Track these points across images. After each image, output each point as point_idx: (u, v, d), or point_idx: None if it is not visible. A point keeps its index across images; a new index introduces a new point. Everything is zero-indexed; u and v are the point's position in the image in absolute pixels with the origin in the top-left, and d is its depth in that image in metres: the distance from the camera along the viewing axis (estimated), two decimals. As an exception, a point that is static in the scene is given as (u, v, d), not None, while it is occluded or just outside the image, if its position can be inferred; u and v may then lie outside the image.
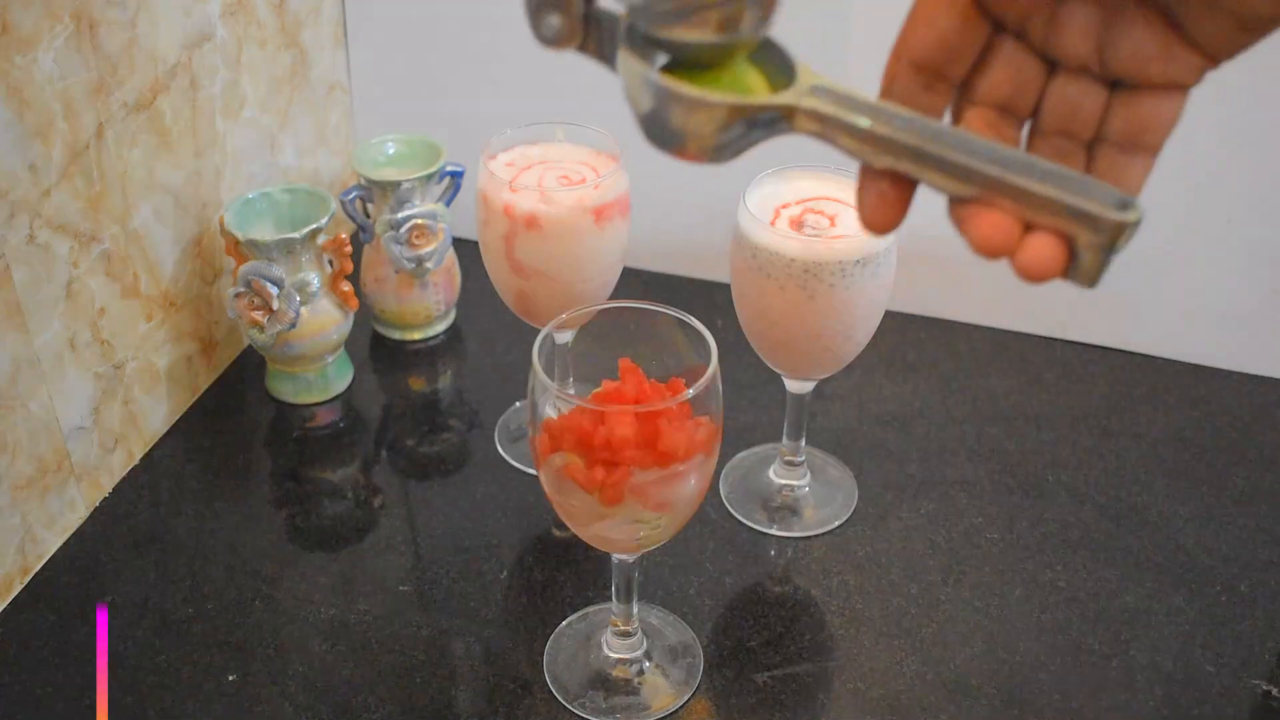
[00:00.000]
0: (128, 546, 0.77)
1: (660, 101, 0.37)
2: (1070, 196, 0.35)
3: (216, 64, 0.85)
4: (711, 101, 0.37)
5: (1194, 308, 0.93)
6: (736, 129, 0.38)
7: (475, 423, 0.89)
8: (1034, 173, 0.36)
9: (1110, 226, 0.36)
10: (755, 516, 0.80)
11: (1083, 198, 0.35)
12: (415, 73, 1.03)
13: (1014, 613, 0.73)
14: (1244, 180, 0.87)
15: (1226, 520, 0.80)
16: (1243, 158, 0.86)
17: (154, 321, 0.83)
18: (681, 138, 0.38)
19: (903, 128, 0.37)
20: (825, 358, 0.73)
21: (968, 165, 0.36)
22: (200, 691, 0.67)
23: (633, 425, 0.54)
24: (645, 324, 0.62)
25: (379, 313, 0.97)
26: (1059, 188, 0.36)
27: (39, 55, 0.67)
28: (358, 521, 0.80)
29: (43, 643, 0.70)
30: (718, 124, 0.37)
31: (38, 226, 0.70)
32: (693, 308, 0.62)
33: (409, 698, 0.67)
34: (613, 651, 0.69)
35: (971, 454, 0.86)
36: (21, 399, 0.71)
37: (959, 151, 0.36)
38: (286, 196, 0.88)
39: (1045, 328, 0.98)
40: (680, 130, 0.38)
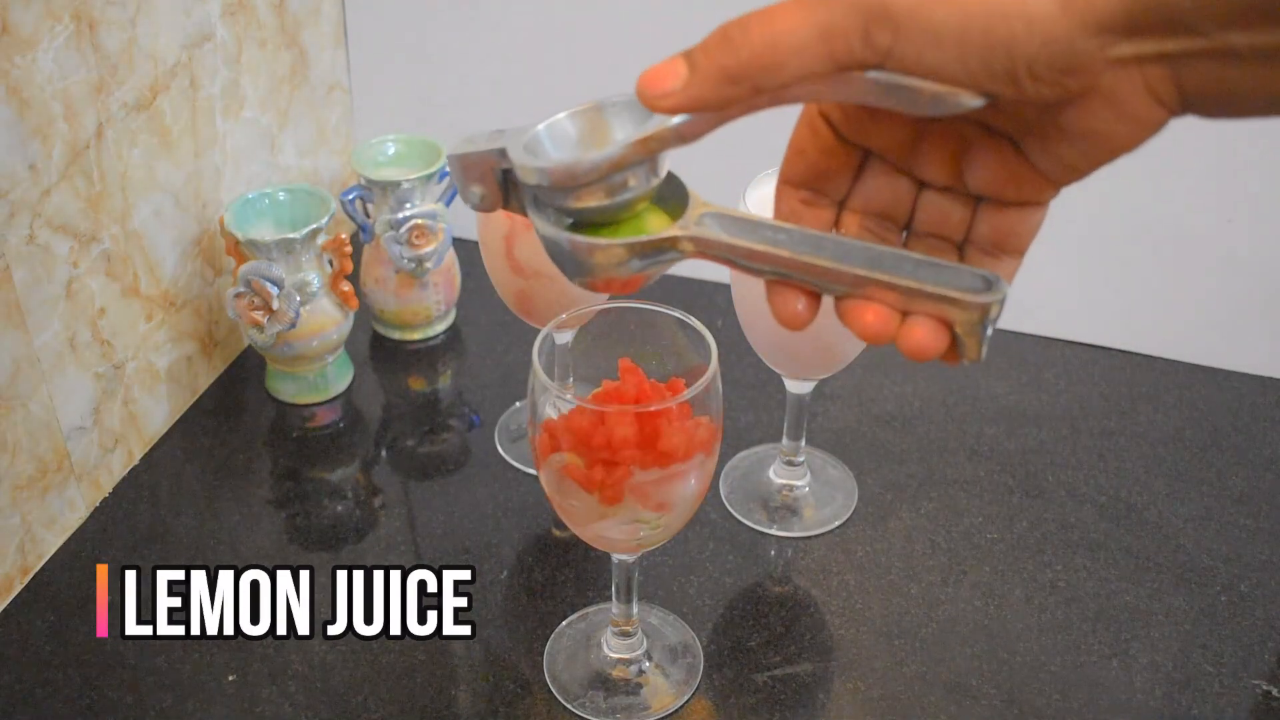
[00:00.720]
0: (128, 546, 0.77)
1: (568, 248, 0.43)
2: (936, 285, 0.39)
3: (216, 64, 0.85)
4: (603, 244, 0.42)
5: (1194, 308, 0.93)
6: (635, 263, 0.43)
7: (475, 423, 0.89)
8: (904, 267, 0.40)
9: (975, 307, 0.39)
10: (755, 516, 0.80)
11: (947, 285, 0.39)
12: (415, 73, 1.03)
13: (1014, 613, 0.73)
14: (1243, 180, 0.87)
15: (1226, 520, 0.80)
16: (1242, 158, 0.86)
17: (154, 321, 0.83)
18: (591, 274, 0.43)
19: (775, 242, 0.41)
20: (825, 358, 0.73)
21: (838, 269, 0.40)
22: (200, 691, 0.67)
23: (633, 425, 0.54)
24: (645, 324, 0.62)
25: (379, 313, 0.97)
26: (926, 278, 0.39)
27: (39, 55, 0.67)
28: (358, 521, 0.80)
29: (43, 643, 0.70)
30: (616, 261, 0.42)
31: (38, 226, 0.70)
32: (693, 308, 0.62)
33: (409, 698, 0.67)
34: (613, 651, 0.69)
35: (971, 454, 0.86)
36: (21, 399, 0.71)
37: (832, 256, 0.40)
38: (286, 196, 0.88)
39: (1045, 328, 0.98)
40: (589, 268, 0.43)
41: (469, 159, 0.46)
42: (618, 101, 0.45)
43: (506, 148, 0.44)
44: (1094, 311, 0.96)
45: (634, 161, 0.42)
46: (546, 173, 0.42)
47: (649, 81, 0.38)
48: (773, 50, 0.36)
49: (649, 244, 0.43)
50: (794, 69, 0.36)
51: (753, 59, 0.36)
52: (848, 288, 0.41)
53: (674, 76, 0.37)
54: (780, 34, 0.36)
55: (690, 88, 0.37)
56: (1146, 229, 0.91)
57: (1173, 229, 0.90)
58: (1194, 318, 0.94)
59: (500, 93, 1.01)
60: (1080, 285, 0.95)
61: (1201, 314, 0.93)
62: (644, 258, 0.43)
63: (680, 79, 0.37)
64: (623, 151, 0.41)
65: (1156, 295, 0.93)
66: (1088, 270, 0.94)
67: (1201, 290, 0.92)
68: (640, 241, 0.43)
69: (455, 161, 0.47)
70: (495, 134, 0.46)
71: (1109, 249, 0.93)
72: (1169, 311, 0.94)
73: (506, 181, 0.46)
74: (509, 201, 0.47)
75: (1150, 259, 0.92)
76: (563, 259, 0.44)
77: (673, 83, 0.37)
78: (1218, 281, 0.91)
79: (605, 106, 0.45)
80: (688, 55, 0.38)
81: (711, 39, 0.37)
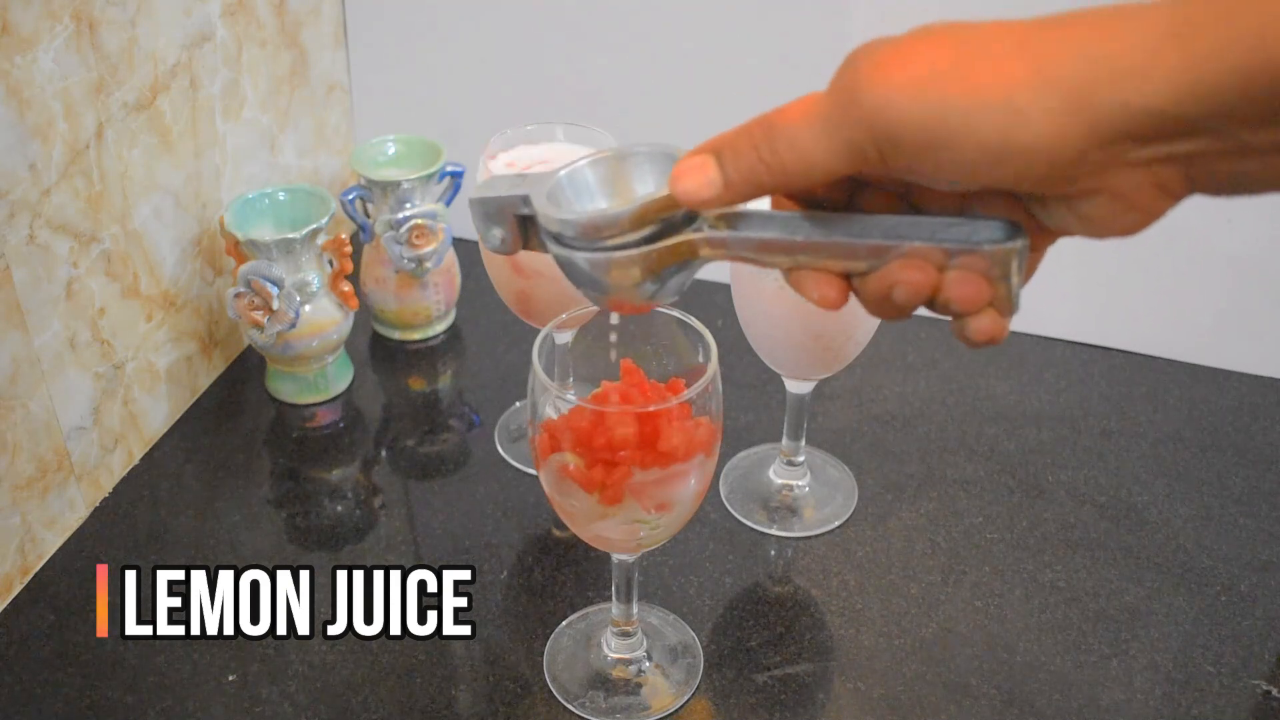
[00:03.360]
0: (128, 546, 0.77)
1: (586, 266, 0.44)
2: (957, 242, 0.39)
3: (216, 64, 0.85)
4: (621, 257, 0.43)
5: (1194, 308, 0.93)
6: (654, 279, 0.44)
7: (475, 423, 0.89)
8: (922, 231, 0.40)
9: (1000, 255, 0.39)
10: (755, 516, 0.80)
11: (969, 239, 0.39)
12: (415, 73, 1.03)
13: (1014, 613, 0.73)
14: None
15: (1226, 520, 0.80)
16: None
17: (154, 321, 0.83)
18: (609, 290, 0.45)
19: (792, 230, 0.42)
20: (825, 358, 0.73)
21: (857, 244, 0.40)
22: (200, 691, 0.67)
23: (633, 425, 0.54)
24: (645, 324, 0.62)
25: (379, 313, 0.97)
26: (947, 237, 0.39)
27: (39, 55, 0.67)
28: (358, 521, 0.80)
29: (43, 643, 0.70)
30: (633, 281, 0.44)
31: (38, 226, 0.70)
32: (693, 308, 0.62)
33: (409, 698, 0.67)
34: (613, 651, 0.69)
35: (971, 454, 0.86)
36: (21, 399, 0.71)
37: (849, 234, 0.41)
38: (286, 196, 0.88)
39: (1045, 328, 0.98)
40: (607, 284, 0.44)
41: (491, 204, 0.48)
42: (639, 152, 0.46)
43: (530, 196, 0.46)
44: (1094, 311, 0.96)
45: (657, 216, 0.43)
46: (571, 224, 0.44)
47: (684, 183, 0.41)
48: (800, 165, 0.39)
49: (667, 250, 0.43)
50: (819, 177, 0.39)
51: (782, 173, 0.39)
52: (874, 261, 0.40)
53: (708, 184, 0.40)
54: (804, 152, 0.38)
55: (724, 195, 0.40)
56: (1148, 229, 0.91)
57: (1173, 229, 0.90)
58: (1194, 318, 0.94)
59: (500, 93, 1.01)
60: (1080, 285, 0.95)
61: (1201, 314, 0.93)
62: (662, 275, 0.44)
63: (714, 187, 0.40)
64: (646, 207, 0.43)
65: (1156, 295, 0.93)
66: (1087, 270, 0.94)
67: (1201, 290, 0.92)
68: (658, 249, 0.43)
69: (477, 205, 0.48)
70: (517, 179, 0.48)
71: (1109, 249, 0.92)
72: (1169, 311, 0.94)
73: (526, 225, 0.48)
74: (529, 243, 0.48)
75: (1150, 259, 0.92)
76: (585, 283, 0.45)
77: (708, 190, 0.40)
78: (1218, 281, 0.91)
79: (626, 156, 0.46)
80: (718, 158, 0.40)
81: (740, 144, 0.40)
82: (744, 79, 0.94)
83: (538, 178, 0.47)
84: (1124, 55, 0.34)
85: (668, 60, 0.95)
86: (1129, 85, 0.34)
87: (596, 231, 0.43)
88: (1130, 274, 0.94)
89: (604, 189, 0.47)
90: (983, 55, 0.35)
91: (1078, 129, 0.34)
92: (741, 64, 0.93)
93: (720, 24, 0.92)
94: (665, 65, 0.96)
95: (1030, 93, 0.34)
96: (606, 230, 0.43)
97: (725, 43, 0.93)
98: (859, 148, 0.37)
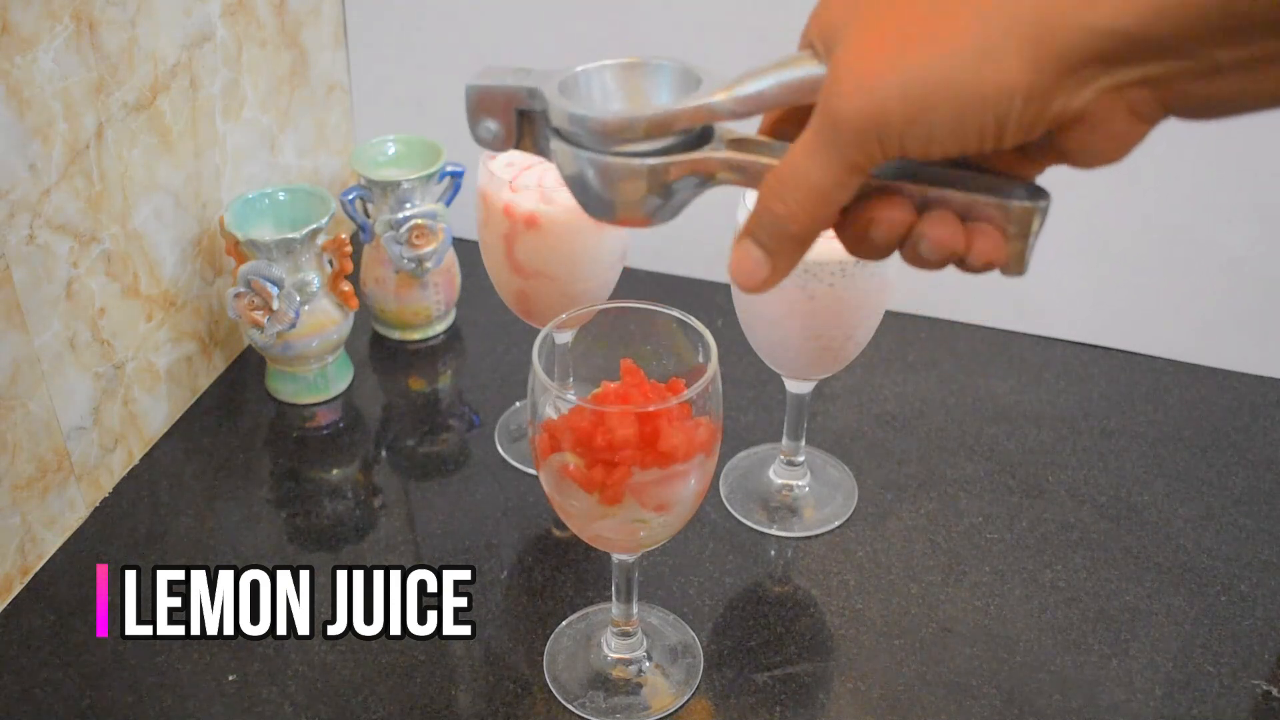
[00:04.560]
0: (128, 546, 0.77)
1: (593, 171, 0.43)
2: (989, 195, 0.40)
3: (216, 64, 0.85)
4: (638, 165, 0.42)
5: (1194, 308, 0.93)
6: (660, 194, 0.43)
7: (475, 423, 0.89)
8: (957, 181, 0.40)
9: (1023, 213, 0.39)
10: (755, 516, 0.80)
11: (998, 193, 0.40)
12: (415, 73, 1.03)
13: (1014, 613, 0.73)
14: (1243, 181, 0.87)
15: (1226, 520, 0.80)
16: (1242, 158, 0.86)
17: (154, 321, 0.83)
18: (613, 200, 0.43)
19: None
20: (825, 358, 0.73)
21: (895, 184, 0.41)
22: (200, 691, 0.67)
23: (633, 425, 0.54)
24: (645, 324, 0.62)
25: (379, 313, 0.97)
26: (979, 189, 0.40)
27: (39, 55, 0.67)
28: (358, 521, 0.80)
29: (43, 643, 0.70)
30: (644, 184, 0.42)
31: (38, 226, 0.70)
32: (693, 308, 0.62)
33: (409, 698, 0.67)
34: (613, 651, 0.69)
35: (971, 454, 0.86)
36: (21, 399, 0.71)
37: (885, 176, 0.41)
38: (286, 196, 0.88)
39: (1045, 328, 0.98)
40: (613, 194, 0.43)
41: (490, 93, 0.45)
42: (659, 64, 0.45)
43: (540, 89, 0.44)
44: (1094, 311, 0.96)
45: (678, 128, 0.42)
46: (589, 120, 0.42)
47: (740, 275, 0.43)
48: (819, 199, 0.40)
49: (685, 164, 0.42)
50: (843, 200, 0.40)
51: (808, 216, 0.41)
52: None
53: (757, 264, 0.42)
54: (817, 186, 0.40)
55: (776, 270, 0.43)
56: (1147, 229, 0.91)
57: (1173, 229, 0.90)
58: (1194, 318, 0.94)
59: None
60: (1081, 285, 0.95)
61: (1201, 314, 0.93)
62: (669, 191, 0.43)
63: (766, 265, 0.42)
64: (670, 115, 0.41)
65: (1156, 295, 0.93)
66: (1088, 270, 0.94)
67: (1201, 290, 0.92)
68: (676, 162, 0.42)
69: (474, 94, 0.46)
70: (520, 71, 0.45)
71: (1109, 249, 0.93)
72: (1169, 311, 0.94)
73: (524, 121, 0.45)
74: (521, 142, 0.46)
75: (1150, 259, 0.92)
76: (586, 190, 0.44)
77: (762, 269, 0.42)
78: (1218, 281, 0.91)
79: (644, 65, 0.45)
80: (757, 241, 0.42)
81: (765, 219, 0.41)
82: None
83: (546, 73, 0.45)
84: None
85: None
86: (1094, 10, 0.34)
87: (615, 132, 0.41)
88: (1130, 274, 0.94)
89: (617, 95, 0.45)
90: (952, 8, 0.36)
91: (1048, 58, 0.35)
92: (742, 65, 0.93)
93: (721, 25, 0.92)
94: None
95: (998, 34, 0.35)
96: (625, 133, 0.41)
97: (726, 44, 0.93)
98: (857, 157, 0.39)
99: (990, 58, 0.36)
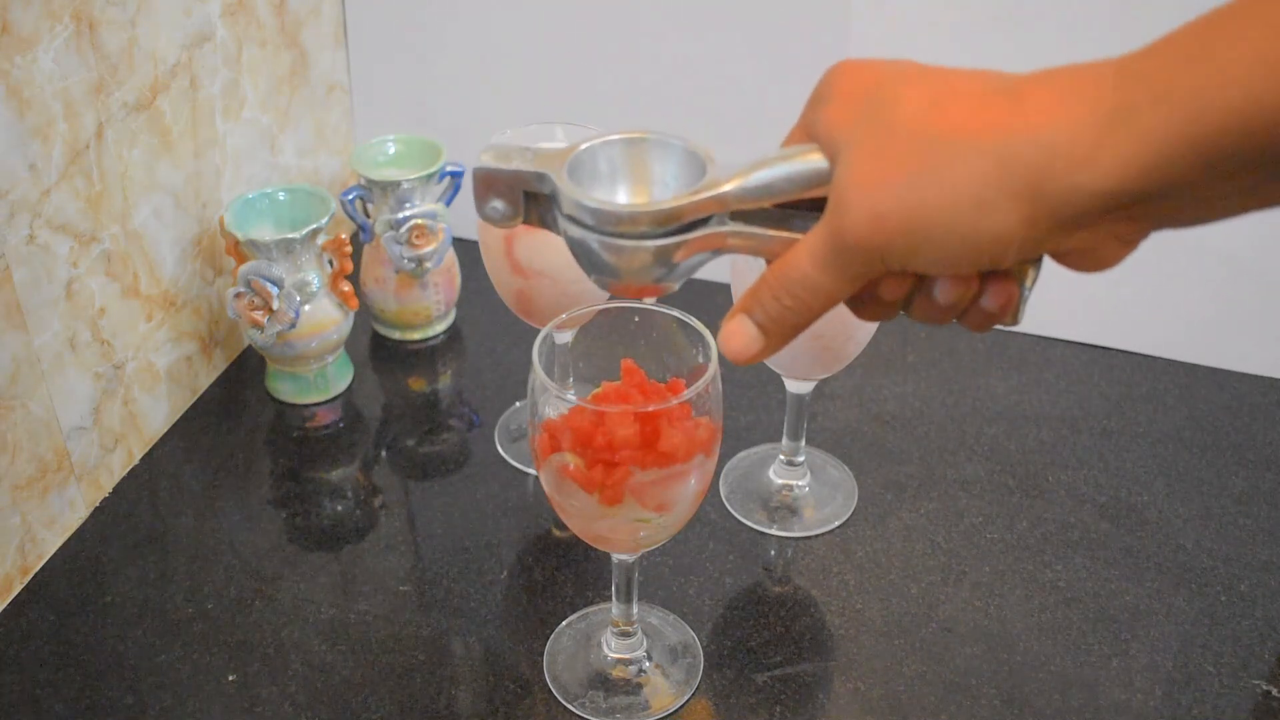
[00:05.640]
0: (128, 546, 0.77)
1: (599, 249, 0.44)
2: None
3: (216, 64, 0.85)
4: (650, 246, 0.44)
5: (1194, 308, 0.93)
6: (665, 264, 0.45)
7: (475, 423, 0.89)
8: None
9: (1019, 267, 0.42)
10: (755, 516, 0.80)
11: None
12: (415, 73, 1.03)
13: (1014, 613, 0.73)
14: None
15: (1226, 520, 0.80)
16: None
17: (154, 321, 0.83)
18: (619, 273, 0.45)
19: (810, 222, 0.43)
20: (825, 358, 0.73)
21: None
22: (200, 691, 0.67)
23: (633, 425, 0.54)
24: (645, 324, 0.62)
25: (379, 313, 0.97)
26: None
27: (39, 55, 0.67)
28: (358, 521, 0.80)
29: (43, 643, 0.70)
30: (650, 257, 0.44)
31: (38, 226, 0.70)
32: (693, 308, 0.62)
33: (409, 698, 0.67)
34: (613, 651, 0.69)
35: (971, 454, 0.86)
36: (21, 399, 0.71)
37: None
38: (286, 196, 0.88)
39: (1045, 328, 0.98)
40: (619, 268, 0.45)
41: (497, 175, 0.46)
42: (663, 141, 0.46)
43: (549, 174, 0.45)
44: (1094, 311, 0.96)
45: (695, 217, 0.44)
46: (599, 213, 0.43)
47: (731, 346, 0.46)
48: (819, 300, 0.43)
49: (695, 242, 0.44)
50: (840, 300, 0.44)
51: (807, 311, 0.44)
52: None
53: (751, 340, 0.45)
54: (819, 290, 0.43)
55: (766, 346, 0.46)
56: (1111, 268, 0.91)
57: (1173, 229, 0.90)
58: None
59: (500, 93, 1.01)
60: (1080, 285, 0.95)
61: (1201, 314, 0.93)
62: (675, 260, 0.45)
63: (757, 342, 0.45)
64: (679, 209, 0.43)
65: (1156, 295, 0.93)
66: (1088, 270, 0.94)
67: (1201, 290, 0.92)
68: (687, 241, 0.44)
69: (481, 175, 0.47)
70: (526, 152, 0.46)
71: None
72: (1169, 311, 0.94)
73: (531, 201, 0.47)
74: (529, 217, 0.47)
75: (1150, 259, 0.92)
76: (597, 265, 0.46)
77: (755, 346, 0.46)
78: (1218, 281, 0.91)
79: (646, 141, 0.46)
80: (754, 319, 0.45)
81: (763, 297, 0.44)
82: (745, 79, 0.94)
83: (550, 153, 0.46)
84: (1074, 142, 0.36)
85: (668, 60, 0.95)
86: (1082, 172, 0.36)
87: (626, 223, 0.43)
88: (1130, 274, 0.93)
89: (623, 172, 0.46)
90: (952, 155, 0.38)
91: (1041, 214, 0.38)
92: (742, 65, 0.93)
93: (721, 25, 0.92)
94: (666, 65, 0.96)
95: (994, 188, 0.38)
96: (635, 224, 0.43)
97: (726, 44, 0.93)
98: (862, 271, 0.42)
99: (986, 211, 0.38)
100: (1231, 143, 0.34)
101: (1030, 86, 0.38)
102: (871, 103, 0.41)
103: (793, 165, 0.43)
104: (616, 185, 0.47)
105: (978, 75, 0.40)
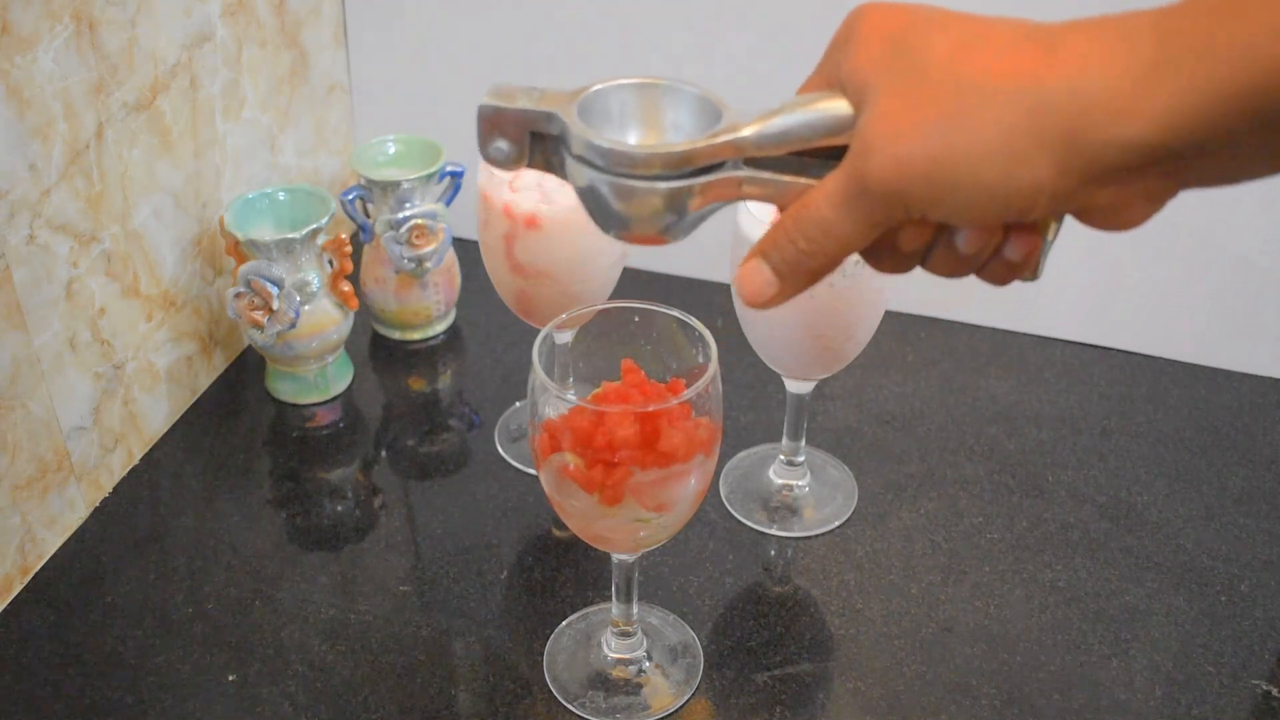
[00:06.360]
0: (128, 546, 0.77)
1: (609, 192, 0.43)
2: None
3: (216, 64, 0.85)
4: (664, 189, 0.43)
5: (1194, 308, 0.93)
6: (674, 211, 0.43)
7: (475, 423, 0.89)
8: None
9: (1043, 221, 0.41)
10: (755, 516, 0.80)
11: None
12: (415, 73, 1.03)
13: (1014, 613, 0.73)
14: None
15: (1226, 520, 0.80)
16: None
17: (154, 321, 0.83)
18: (627, 219, 0.43)
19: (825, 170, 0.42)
20: (825, 358, 0.73)
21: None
22: (200, 691, 0.67)
23: (633, 425, 0.54)
24: (645, 324, 0.62)
25: (379, 313, 0.97)
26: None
27: (39, 55, 0.67)
28: (358, 521, 0.80)
29: (43, 643, 0.70)
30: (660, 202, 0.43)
31: (38, 226, 0.70)
32: (693, 308, 0.62)
33: (409, 698, 0.67)
34: (613, 651, 0.69)
35: (971, 454, 0.86)
36: (21, 399, 0.71)
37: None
38: (286, 196, 0.88)
39: (1045, 328, 0.98)
40: (627, 213, 0.43)
41: (503, 114, 0.45)
42: (675, 87, 0.45)
43: (559, 114, 0.44)
44: (1094, 311, 0.96)
45: (711, 160, 0.42)
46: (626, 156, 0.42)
47: (746, 288, 0.45)
48: (836, 244, 0.42)
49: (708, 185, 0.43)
50: (858, 247, 0.43)
51: (823, 255, 0.43)
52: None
53: (766, 284, 0.44)
54: (836, 233, 0.42)
55: (782, 290, 0.45)
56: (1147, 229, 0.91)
57: (1173, 229, 0.90)
58: (1194, 318, 0.94)
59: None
60: (1080, 285, 0.95)
61: (1201, 314, 0.93)
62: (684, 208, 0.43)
63: (772, 285, 0.44)
64: (707, 148, 0.42)
65: (1157, 295, 0.93)
66: (1088, 270, 0.94)
67: (1201, 290, 0.92)
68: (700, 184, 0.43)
69: (486, 113, 0.45)
70: (533, 91, 0.45)
71: (1109, 249, 0.93)
72: (1169, 311, 0.94)
73: (537, 142, 0.45)
74: (533, 159, 0.46)
75: (1150, 259, 0.92)
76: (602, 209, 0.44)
77: (769, 289, 0.44)
78: (1218, 281, 0.91)
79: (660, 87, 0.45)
80: (770, 263, 0.44)
81: (779, 240, 0.43)
82: (745, 78, 0.94)
83: (561, 94, 0.45)
84: (1111, 93, 0.35)
85: (669, 60, 0.95)
86: (1120, 124, 0.35)
87: (640, 165, 0.42)
88: (1130, 274, 0.94)
89: (635, 117, 0.45)
90: (983, 101, 0.37)
91: (1074, 166, 0.36)
92: (743, 63, 0.93)
93: (721, 24, 0.92)
94: (666, 65, 0.96)
95: (1026, 137, 0.37)
96: (650, 166, 0.42)
97: (726, 43, 0.93)
98: (882, 218, 0.41)
99: (1018, 160, 0.37)
100: (1273, 98, 0.33)
101: (1064, 35, 0.37)
102: (899, 47, 0.40)
103: (814, 111, 0.42)
104: (627, 129, 0.45)
105: (1008, 22, 0.39)
